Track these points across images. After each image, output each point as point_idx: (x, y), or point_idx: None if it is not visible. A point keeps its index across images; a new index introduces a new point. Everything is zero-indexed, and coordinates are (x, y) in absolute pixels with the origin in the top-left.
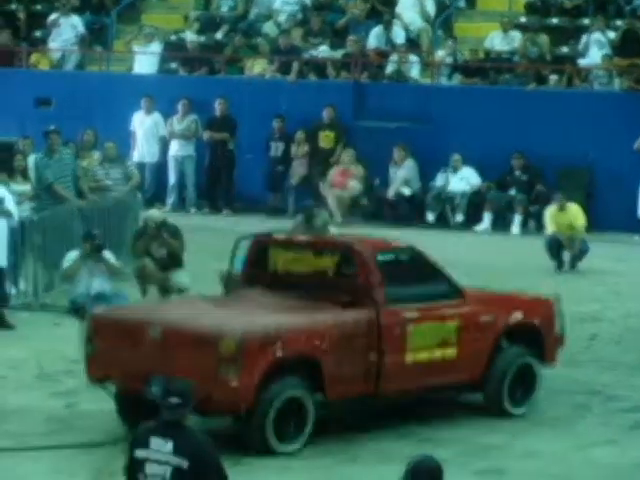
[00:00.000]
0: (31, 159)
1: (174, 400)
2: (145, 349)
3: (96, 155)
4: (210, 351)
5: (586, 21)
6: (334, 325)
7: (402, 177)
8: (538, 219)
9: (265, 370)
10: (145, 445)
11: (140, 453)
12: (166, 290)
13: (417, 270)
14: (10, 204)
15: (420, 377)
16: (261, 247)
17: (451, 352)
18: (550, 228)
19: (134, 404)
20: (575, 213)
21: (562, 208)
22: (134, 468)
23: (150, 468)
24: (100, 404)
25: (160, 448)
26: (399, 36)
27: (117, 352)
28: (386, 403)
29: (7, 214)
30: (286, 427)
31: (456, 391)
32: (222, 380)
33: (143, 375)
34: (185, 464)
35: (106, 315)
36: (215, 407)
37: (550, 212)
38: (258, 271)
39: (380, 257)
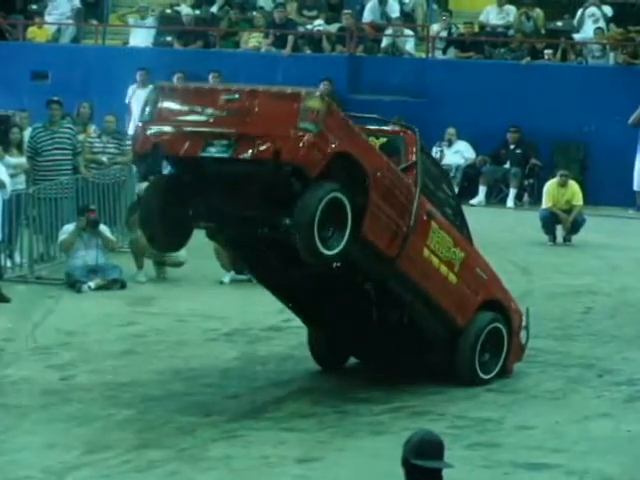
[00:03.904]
0: (28, 132)
1: None
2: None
3: (92, 128)
4: (293, 104)
5: None
6: (389, 163)
7: None
8: (532, 192)
9: (334, 150)
10: None
11: None
12: (162, 263)
13: (444, 192)
14: (3, 175)
15: (426, 277)
16: None
17: (452, 278)
18: (547, 203)
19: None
20: (574, 191)
21: (563, 184)
22: None
23: None
24: (95, 377)
25: None
26: (394, 10)
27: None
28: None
29: (1, 185)
30: (327, 230)
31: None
32: (299, 134)
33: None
34: None
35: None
36: (283, 159)
37: (550, 186)
38: None
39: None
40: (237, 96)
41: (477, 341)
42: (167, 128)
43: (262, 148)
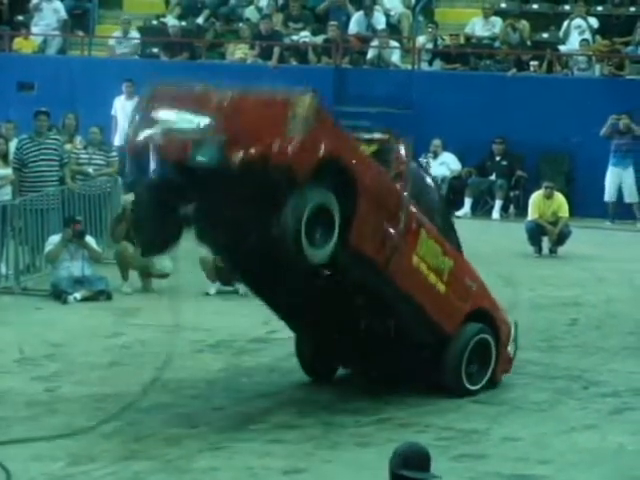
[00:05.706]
0: (14, 143)
1: None
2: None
3: (78, 139)
4: (282, 109)
5: (567, 7)
6: (379, 169)
7: None
8: (518, 204)
9: (324, 154)
10: None
11: None
12: (147, 275)
13: (433, 201)
14: None
15: (415, 285)
16: None
17: (441, 287)
18: (533, 214)
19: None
20: (560, 203)
21: (549, 196)
22: None
23: None
24: (81, 388)
25: None
26: (380, 22)
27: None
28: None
29: None
30: (314, 234)
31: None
32: (288, 139)
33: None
34: None
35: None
36: (270, 163)
37: (536, 198)
38: None
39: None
40: (227, 101)
41: (464, 352)
42: (157, 131)
43: (251, 153)
